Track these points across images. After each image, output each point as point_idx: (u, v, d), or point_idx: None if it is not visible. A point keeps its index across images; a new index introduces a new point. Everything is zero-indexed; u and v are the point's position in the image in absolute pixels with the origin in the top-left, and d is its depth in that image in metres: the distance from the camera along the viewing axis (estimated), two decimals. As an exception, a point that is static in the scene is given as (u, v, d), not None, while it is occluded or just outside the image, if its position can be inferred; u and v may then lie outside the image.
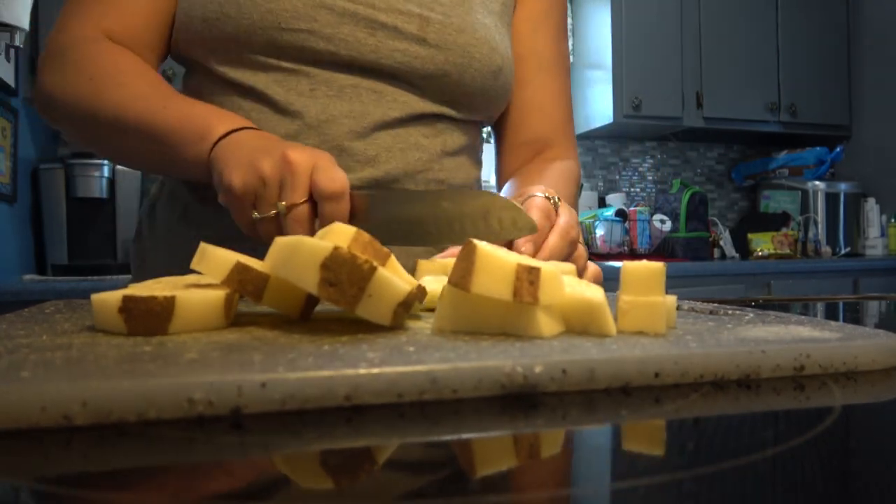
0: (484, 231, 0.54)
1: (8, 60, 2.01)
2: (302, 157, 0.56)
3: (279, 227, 0.57)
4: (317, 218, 0.57)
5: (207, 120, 0.64)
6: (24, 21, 1.77)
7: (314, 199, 0.56)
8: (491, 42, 0.78)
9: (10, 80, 2.05)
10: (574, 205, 0.79)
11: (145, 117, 0.66)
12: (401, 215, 0.57)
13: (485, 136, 0.94)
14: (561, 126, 0.88)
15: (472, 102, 0.78)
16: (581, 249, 0.62)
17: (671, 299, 0.41)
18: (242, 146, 0.60)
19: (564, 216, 0.60)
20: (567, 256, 0.59)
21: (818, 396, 0.32)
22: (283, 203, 0.56)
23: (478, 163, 0.86)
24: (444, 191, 0.56)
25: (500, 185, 0.89)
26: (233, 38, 0.71)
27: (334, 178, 0.55)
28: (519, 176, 0.82)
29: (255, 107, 0.72)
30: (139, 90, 0.68)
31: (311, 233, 0.55)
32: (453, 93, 0.76)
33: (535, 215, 0.57)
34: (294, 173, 0.56)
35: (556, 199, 0.61)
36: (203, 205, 0.75)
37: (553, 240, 0.58)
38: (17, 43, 1.81)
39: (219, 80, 0.74)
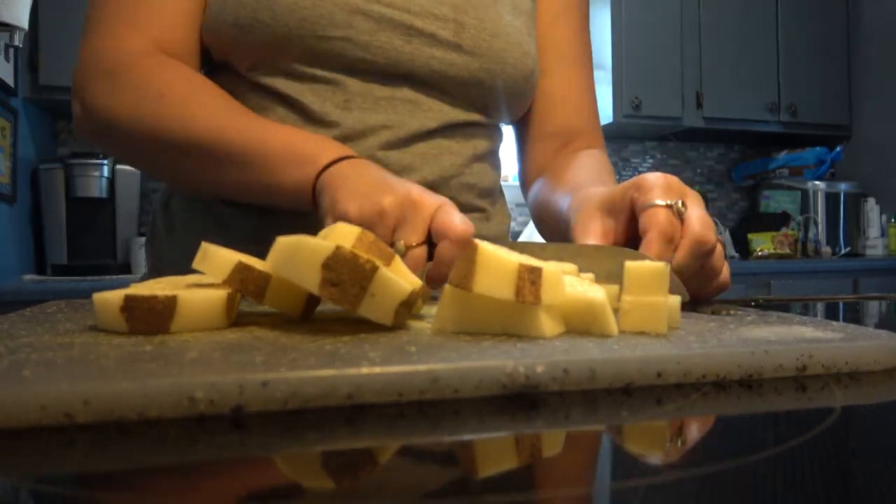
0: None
1: (7, 60, 2.01)
2: (428, 198, 0.54)
3: None
4: (430, 261, 0.54)
5: (312, 145, 0.62)
6: (23, 21, 1.77)
7: (430, 242, 0.54)
8: (523, 45, 0.77)
9: (10, 80, 2.05)
10: None
11: (239, 140, 0.63)
12: None
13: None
14: (586, 116, 0.86)
15: (502, 107, 0.78)
16: (718, 253, 0.54)
17: (675, 299, 0.41)
18: (361, 175, 0.57)
19: (696, 223, 0.52)
20: (702, 267, 0.53)
21: (820, 397, 0.32)
22: (402, 243, 0.52)
23: (497, 166, 0.85)
24: (573, 246, 0.52)
25: (526, 179, 0.87)
26: (268, 46, 0.69)
27: (463, 220, 0.52)
28: (553, 173, 0.80)
29: (289, 114, 0.71)
30: (221, 111, 0.65)
31: (423, 276, 0.52)
32: (486, 99, 0.76)
33: (657, 242, 0.50)
34: (417, 213, 0.53)
35: (680, 205, 0.52)
36: (229, 205, 0.73)
37: (681, 256, 0.51)
38: (16, 43, 1.81)
39: (251, 85, 0.72)
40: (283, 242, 0.40)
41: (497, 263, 0.36)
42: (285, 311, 0.44)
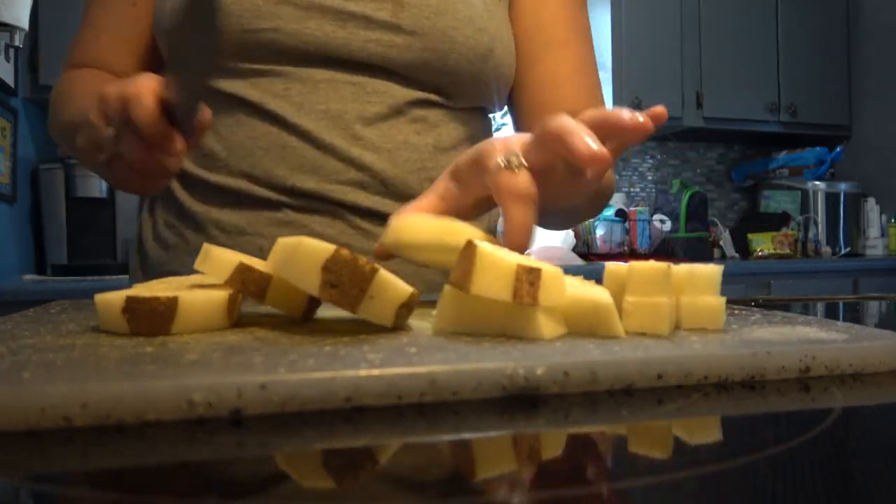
0: None
1: (8, 60, 2.00)
2: (113, 87, 0.54)
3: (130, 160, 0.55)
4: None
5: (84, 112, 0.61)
6: (24, 21, 1.77)
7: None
8: (477, 22, 0.72)
9: (10, 80, 2.05)
10: None
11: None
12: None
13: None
14: (584, 99, 0.77)
15: (461, 90, 0.74)
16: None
17: (720, 300, 0.41)
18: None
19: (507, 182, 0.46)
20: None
21: (824, 398, 0.32)
22: (110, 130, 0.54)
23: None
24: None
25: None
26: (199, 48, 0.69)
27: (129, 84, 0.53)
28: None
29: (237, 111, 0.71)
30: (72, 108, 0.69)
31: (148, 151, 0.54)
32: (438, 81, 0.72)
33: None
34: (107, 103, 0.54)
35: (515, 160, 0.47)
36: (193, 202, 0.74)
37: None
38: (17, 43, 1.81)
39: (203, 90, 0.72)
40: (283, 243, 0.40)
41: (495, 264, 0.36)
42: (287, 311, 0.44)
